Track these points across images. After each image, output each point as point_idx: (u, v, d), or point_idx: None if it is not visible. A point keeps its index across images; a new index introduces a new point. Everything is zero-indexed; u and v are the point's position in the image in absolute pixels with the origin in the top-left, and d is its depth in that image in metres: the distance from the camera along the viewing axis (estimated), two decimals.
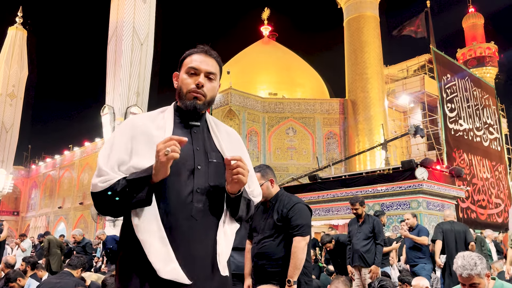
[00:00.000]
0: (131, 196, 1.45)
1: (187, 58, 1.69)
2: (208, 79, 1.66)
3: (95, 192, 1.50)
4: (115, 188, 1.46)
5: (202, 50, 1.69)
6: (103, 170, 1.49)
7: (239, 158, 1.49)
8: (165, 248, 1.44)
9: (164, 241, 1.44)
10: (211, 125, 1.71)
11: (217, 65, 1.70)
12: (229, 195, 1.56)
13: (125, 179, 1.46)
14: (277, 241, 3.09)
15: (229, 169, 1.50)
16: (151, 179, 1.44)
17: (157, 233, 1.45)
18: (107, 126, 15.40)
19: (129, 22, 16.23)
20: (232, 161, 1.49)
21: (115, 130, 1.64)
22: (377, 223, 5.67)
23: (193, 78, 1.64)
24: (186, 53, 1.71)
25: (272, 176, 3.28)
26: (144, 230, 1.46)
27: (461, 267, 2.56)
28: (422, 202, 12.28)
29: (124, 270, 1.52)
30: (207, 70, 1.65)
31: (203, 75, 1.64)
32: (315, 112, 23.96)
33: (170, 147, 1.38)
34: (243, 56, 30.41)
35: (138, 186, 1.44)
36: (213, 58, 1.69)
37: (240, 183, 1.51)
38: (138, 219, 1.48)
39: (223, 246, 1.57)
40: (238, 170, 1.48)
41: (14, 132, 26.95)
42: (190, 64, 1.66)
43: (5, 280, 4.77)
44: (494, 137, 23.11)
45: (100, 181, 1.48)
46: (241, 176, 1.49)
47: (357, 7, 24.79)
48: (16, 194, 35.24)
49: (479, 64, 40.57)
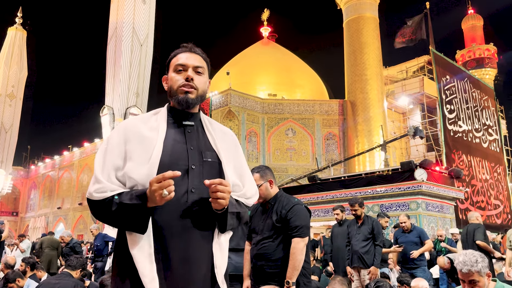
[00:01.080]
0: (125, 221, 1.45)
1: (173, 59, 1.70)
2: (197, 73, 1.67)
3: (91, 200, 1.49)
4: (109, 205, 1.45)
5: (186, 49, 1.70)
6: (99, 178, 1.48)
7: (219, 182, 1.47)
8: (150, 266, 1.43)
9: (151, 258, 1.44)
10: (205, 124, 1.70)
11: (203, 61, 1.71)
12: (216, 211, 1.54)
13: (119, 201, 1.44)
14: (276, 242, 3.09)
15: (210, 191, 1.49)
16: (145, 206, 1.43)
17: (146, 250, 1.44)
18: (106, 126, 15.39)
19: (129, 23, 16.24)
20: (212, 185, 1.47)
21: (109, 135, 1.63)
22: (376, 224, 5.67)
23: (182, 74, 1.65)
24: (171, 55, 1.72)
25: (271, 177, 3.29)
26: (135, 245, 1.45)
27: (462, 262, 2.60)
28: (421, 203, 12.28)
29: (119, 277, 1.51)
30: (194, 65, 1.67)
31: (191, 69, 1.66)
32: (314, 113, 23.97)
33: (166, 187, 1.37)
34: (242, 57, 30.43)
35: (132, 213, 1.43)
36: (198, 54, 1.70)
37: (220, 204, 1.49)
38: (130, 232, 1.48)
39: (219, 258, 1.56)
40: (217, 194, 1.47)
41: (14, 133, 26.93)
42: (177, 62, 1.67)
43: (4, 280, 4.77)
44: (493, 138, 23.13)
45: (96, 191, 1.47)
46: (221, 200, 1.48)
47: (356, 8, 24.81)
48: (15, 194, 35.20)
49: (478, 66, 40.62)
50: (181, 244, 1.48)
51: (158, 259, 1.45)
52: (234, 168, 1.68)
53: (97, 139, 28.15)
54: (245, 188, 1.70)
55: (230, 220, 1.56)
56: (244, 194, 1.68)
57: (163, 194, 1.37)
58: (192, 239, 1.50)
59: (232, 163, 1.68)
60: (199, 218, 1.53)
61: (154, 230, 1.47)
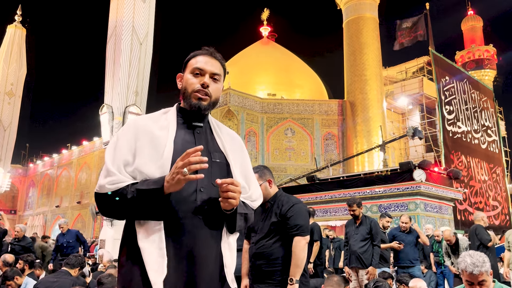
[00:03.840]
0: (142, 208, 1.45)
1: (192, 59, 1.70)
2: (213, 80, 1.67)
3: (102, 193, 1.49)
4: (124, 194, 1.46)
5: (207, 52, 1.70)
6: (111, 171, 1.49)
7: (230, 182, 1.48)
8: (161, 259, 1.44)
9: (162, 252, 1.45)
10: (213, 126, 1.72)
11: (221, 67, 1.71)
12: (225, 211, 1.55)
13: (136, 188, 1.45)
14: (275, 242, 3.09)
15: (221, 190, 1.49)
16: (163, 191, 1.44)
17: (157, 244, 1.45)
18: (105, 125, 15.36)
19: (128, 21, 16.22)
20: (223, 184, 1.47)
21: (119, 131, 1.64)
22: (374, 224, 5.68)
23: (198, 78, 1.65)
24: (190, 54, 1.72)
25: (270, 176, 3.29)
26: (146, 239, 1.46)
27: (471, 264, 2.59)
28: (419, 204, 12.30)
29: (125, 274, 1.51)
30: (212, 71, 1.66)
31: (208, 75, 1.65)
32: (313, 113, 23.98)
33: (191, 164, 1.40)
34: (242, 57, 30.44)
35: (150, 199, 1.44)
36: (217, 60, 1.70)
37: (231, 204, 1.50)
38: (141, 225, 1.48)
39: (228, 257, 1.58)
40: (228, 194, 1.47)
41: (12, 131, 26.90)
42: (195, 65, 1.66)
43: (3, 278, 4.76)
44: (492, 139, 23.17)
45: (108, 183, 1.47)
46: (232, 200, 1.48)
47: (356, 9, 24.82)
48: (13, 192, 35.15)
49: (477, 67, 40.67)
50: (190, 242, 1.49)
51: (167, 255, 1.46)
52: (241, 170, 1.70)
53: (96, 138, 28.10)
54: (251, 191, 1.72)
55: (239, 221, 1.58)
56: (249, 196, 1.70)
57: (183, 171, 1.39)
58: (200, 238, 1.52)
59: (239, 166, 1.70)
60: (207, 217, 1.54)
61: (164, 227, 1.48)
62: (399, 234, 6.84)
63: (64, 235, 8.50)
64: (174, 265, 1.46)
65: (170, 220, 1.48)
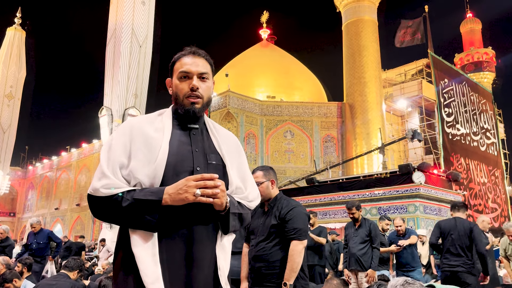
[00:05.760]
0: (136, 218, 1.44)
1: (177, 63, 1.67)
2: (202, 80, 1.65)
3: (95, 196, 1.46)
4: (119, 201, 1.44)
5: (190, 52, 1.67)
6: (106, 174, 1.47)
7: (209, 177, 1.46)
8: (154, 266, 1.42)
9: (155, 258, 1.43)
10: (210, 127, 1.71)
11: (207, 64, 1.69)
12: (219, 212, 1.54)
13: (132, 197, 1.43)
14: (275, 244, 3.09)
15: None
16: (160, 203, 1.43)
17: (150, 249, 1.44)
18: (104, 127, 15.39)
19: (128, 24, 16.25)
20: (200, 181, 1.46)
21: (114, 133, 1.63)
22: (374, 227, 5.67)
23: (187, 82, 1.63)
24: (174, 58, 1.69)
25: (274, 177, 3.31)
26: (139, 244, 1.44)
27: None
28: (419, 206, 12.30)
29: (121, 278, 1.50)
30: (198, 72, 1.64)
31: (195, 77, 1.63)
32: (313, 115, 24.00)
33: (207, 188, 1.42)
34: (241, 59, 30.47)
35: (145, 209, 1.42)
36: (202, 58, 1.68)
37: (215, 204, 1.49)
38: (134, 230, 1.47)
39: (222, 259, 1.56)
40: (213, 191, 1.45)
41: (12, 133, 26.91)
42: (181, 69, 1.64)
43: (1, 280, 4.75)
44: (491, 142, 23.19)
45: (103, 186, 1.44)
46: (216, 199, 1.47)
47: (355, 11, 24.88)
48: (12, 195, 35.10)
49: (476, 69, 40.74)
50: (185, 245, 1.49)
51: (161, 260, 1.45)
52: (237, 171, 1.69)
53: (95, 140, 28.10)
54: (247, 191, 1.70)
55: (232, 221, 1.56)
56: (246, 197, 1.68)
57: (196, 193, 1.41)
58: (195, 240, 1.51)
59: (236, 166, 1.69)
60: (202, 219, 1.53)
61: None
62: (396, 238, 6.79)
63: (35, 235, 7.98)
64: (169, 271, 1.45)
65: (165, 223, 1.47)
